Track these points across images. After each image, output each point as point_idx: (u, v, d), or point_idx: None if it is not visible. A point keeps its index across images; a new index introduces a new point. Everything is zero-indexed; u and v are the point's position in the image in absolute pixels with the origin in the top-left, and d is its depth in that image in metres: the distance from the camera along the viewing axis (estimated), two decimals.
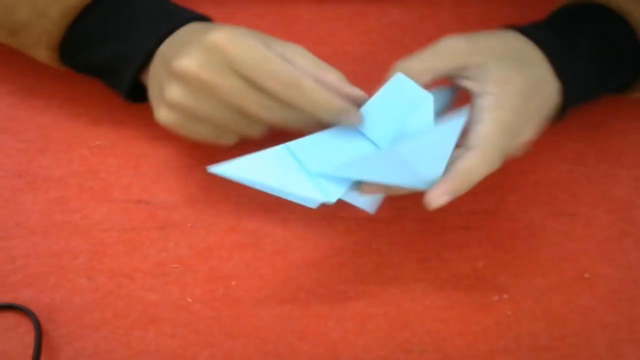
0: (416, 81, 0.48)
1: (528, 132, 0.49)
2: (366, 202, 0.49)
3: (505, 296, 0.49)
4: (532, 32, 0.52)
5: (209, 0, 0.72)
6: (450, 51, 0.49)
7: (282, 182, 0.45)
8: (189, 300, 0.48)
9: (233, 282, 0.49)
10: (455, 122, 0.47)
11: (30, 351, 0.45)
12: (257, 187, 0.46)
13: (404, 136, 0.47)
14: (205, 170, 0.55)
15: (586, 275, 0.50)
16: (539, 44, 0.51)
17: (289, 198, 0.46)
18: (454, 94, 0.52)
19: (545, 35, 0.53)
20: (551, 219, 0.53)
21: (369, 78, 0.64)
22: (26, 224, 0.52)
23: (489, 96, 0.48)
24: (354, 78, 0.64)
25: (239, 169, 0.45)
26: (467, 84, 0.49)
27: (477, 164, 0.45)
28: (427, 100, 0.47)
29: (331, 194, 0.45)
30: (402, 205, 0.54)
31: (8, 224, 0.52)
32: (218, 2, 0.72)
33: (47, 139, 0.55)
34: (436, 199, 0.45)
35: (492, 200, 0.54)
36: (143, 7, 0.52)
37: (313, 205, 0.46)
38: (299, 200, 0.46)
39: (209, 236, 0.52)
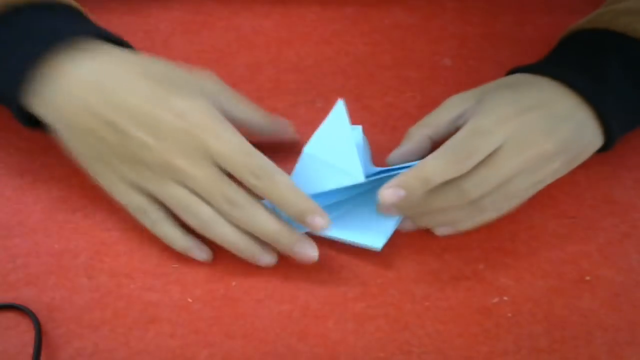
0: (416, 136, 0.51)
1: (541, 143, 0.48)
2: (370, 239, 0.50)
3: (506, 298, 0.49)
4: (540, 67, 0.54)
5: (213, 0, 0.72)
6: (449, 105, 0.52)
7: None
8: (189, 300, 0.48)
9: (233, 283, 0.49)
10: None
11: (30, 350, 0.45)
12: None
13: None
14: None
15: (587, 278, 0.50)
16: (544, 72, 0.52)
17: None
18: None
19: (555, 64, 0.54)
20: (552, 221, 0.53)
21: (372, 79, 0.65)
22: (27, 223, 0.52)
23: (474, 115, 0.49)
24: (357, 79, 0.64)
25: None
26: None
27: (431, 161, 0.46)
28: (339, 105, 0.52)
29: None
30: None
31: (9, 222, 0.52)
32: (222, 2, 0.72)
33: (50, 138, 0.55)
34: (386, 191, 0.46)
35: None
36: (28, 29, 0.50)
37: None
38: None
39: None
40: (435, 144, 0.51)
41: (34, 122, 0.52)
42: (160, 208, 0.49)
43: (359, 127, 0.56)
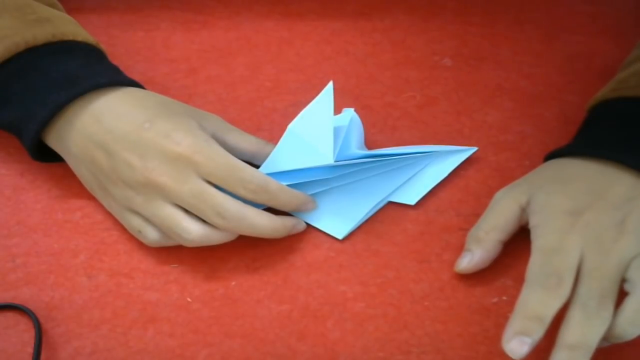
0: (489, 243, 0.49)
1: (619, 238, 0.45)
2: (334, 227, 0.52)
3: (505, 298, 0.49)
4: (581, 148, 0.52)
5: (213, 0, 0.72)
6: (503, 205, 0.50)
7: None
8: (189, 299, 0.48)
9: (233, 283, 0.49)
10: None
11: (29, 349, 0.45)
12: None
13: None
14: None
15: None
16: (589, 155, 0.50)
17: None
18: None
19: (596, 142, 0.52)
20: None
21: (372, 78, 0.65)
22: (27, 222, 0.52)
23: (533, 229, 0.48)
24: (357, 79, 0.64)
25: None
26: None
27: (525, 295, 0.44)
28: (328, 87, 0.54)
29: None
30: (403, 206, 0.54)
31: (9, 222, 0.52)
32: (222, 1, 0.72)
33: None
34: (510, 344, 0.43)
35: None
36: (47, 73, 0.52)
37: None
38: None
39: None
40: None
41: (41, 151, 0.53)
42: (155, 228, 0.49)
43: (351, 110, 0.57)
